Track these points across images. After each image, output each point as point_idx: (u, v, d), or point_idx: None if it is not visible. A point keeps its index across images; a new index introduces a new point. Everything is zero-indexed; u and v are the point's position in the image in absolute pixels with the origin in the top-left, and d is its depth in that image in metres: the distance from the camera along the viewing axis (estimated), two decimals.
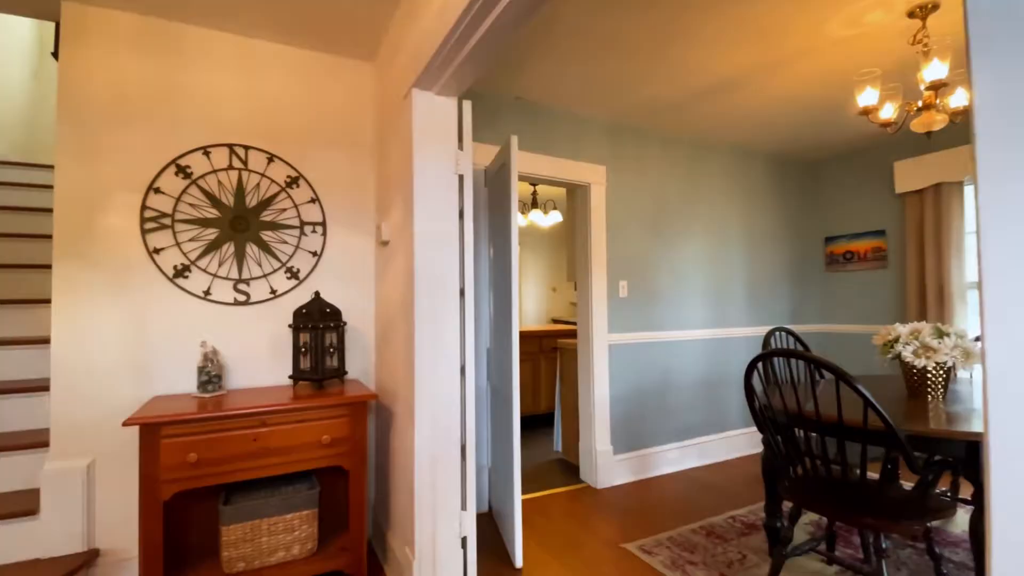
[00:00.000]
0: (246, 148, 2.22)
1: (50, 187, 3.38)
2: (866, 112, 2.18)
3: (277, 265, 2.26)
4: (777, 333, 2.57)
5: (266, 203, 2.25)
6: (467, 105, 1.92)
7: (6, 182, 3.34)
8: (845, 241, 3.95)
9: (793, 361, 2.75)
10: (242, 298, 2.19)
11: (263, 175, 2.25)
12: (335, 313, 2.18)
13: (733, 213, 3.74)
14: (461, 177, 1.91)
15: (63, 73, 1.96)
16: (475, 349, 1.93)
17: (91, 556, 1.90)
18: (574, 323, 5.27)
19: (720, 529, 2.46)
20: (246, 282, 2.20)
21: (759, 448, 3.74)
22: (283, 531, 1.92)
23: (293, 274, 2.29)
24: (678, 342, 3.39)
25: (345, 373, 2.18)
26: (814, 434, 2.12)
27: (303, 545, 1.95)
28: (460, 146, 1.91)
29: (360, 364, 2.41)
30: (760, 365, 2.81)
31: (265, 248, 2.24)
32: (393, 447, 2.14)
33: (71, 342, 1.93)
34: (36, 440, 2.04)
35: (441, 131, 1.86)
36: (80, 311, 1.95)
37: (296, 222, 2.30)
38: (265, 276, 2.24)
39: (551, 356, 4.53)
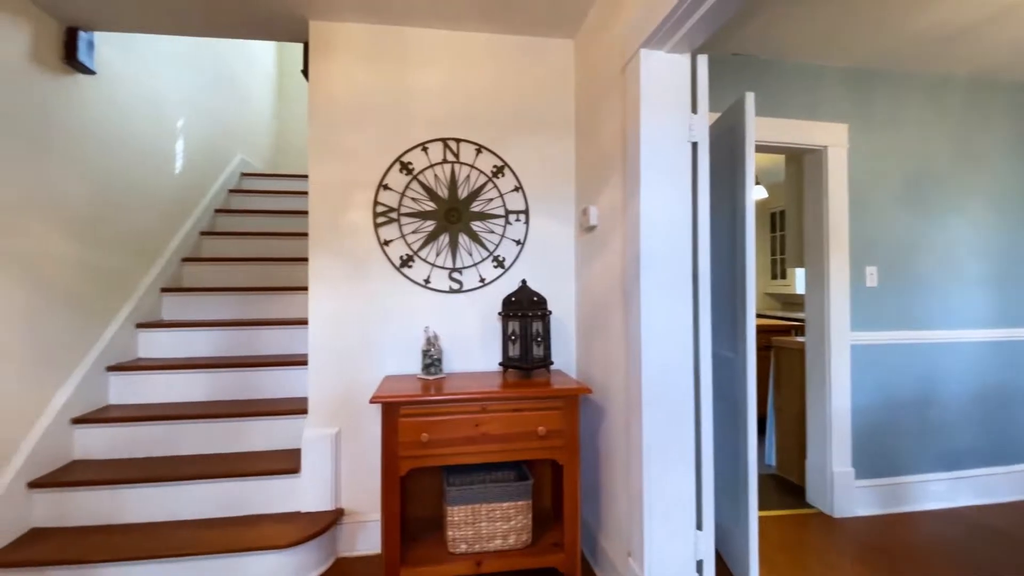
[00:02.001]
0: (458, 141, 2.27)
1: (290, 192, 4.00)
2: None
3: (485, 254, 2.28)
4: None
5: (475, 194, 2.28)
6: (702, 61, 1.66)
7: (260, 190, 4.04)
8: None
9: None
10: (456, 286, 2.26)
11: (472, 166, 2.28)
12: (542, 302, 2.11)
13: None
14: (695, 145, 1.66)
15: (313, 87, 2.21)
16: (709, 345, 1.68)
17: (337, 515, 2.14)
18: (775, 317, 4.59)
19: None
20: (459, 271, 2.26)
21: None
22: (500, 519, 1.92)
23: (499, 263, 2.29)
24: (945, 344, 2.65)
25: (551, 363, 2.11)
26: None
27: (518, 536, 1.93)
28: (694, 109, 1.65)
29: (562, 354, 2.33)
30: None
31: (474, 238, 2.28)
32: (606, 446, 2.01)
33: (323, 324, 2.18)
34: (293, 407, 2.37)
35: (672, 94, 1.63)
36: (328, 297, 2.19)
37: (501, 211, 2.30)
38: (475, 265, 2.28)
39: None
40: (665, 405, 1.62)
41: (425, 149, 2.26)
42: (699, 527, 1.65)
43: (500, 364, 2.14)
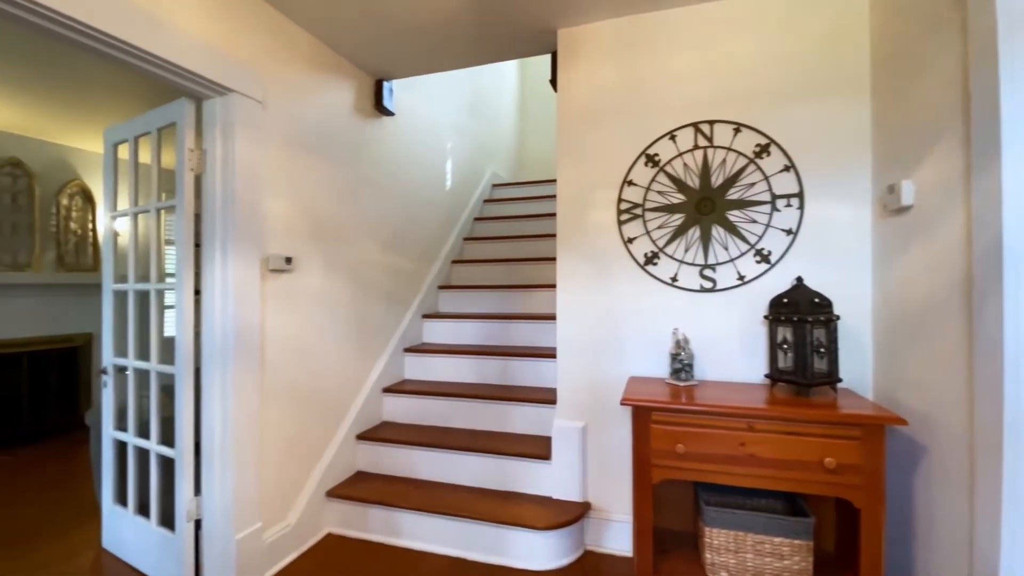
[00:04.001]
0: (711, 123, 2.06)
1: (533, 198, 4.31)
2: None
3: (745, 248, 2.01)
4: None
5: (732, 180, 2.03)
6: None
7: (508, 198, 4.46)
8: None
9: None
10: (708, 284, 2.05)
11: (729, 149, 2.03)
12: (825, 304, 1.74)
13: None
14: None
15: (561, 93, 2.29)
16: None
17: (585, 508, 2.18)
18: None
19: None
20: (712, 267, 2.05)
21: None
22: (770, 554, 1.66)
23: (763, 257, 1.99)
24: None
25: (839, 380, 1.72)
26: None
27: None
28: None
29: (851, 370, 1.89)
30: None
31: (731, 229, 2.03)
32: (925, 493, 1.54)
33: (570, 321, 2.25)
34: (543, 396, 2.52)
35: None
36: (575, 295, 2.24)
37: (766, 196, 1.99)
38: (732, 260, 2.03)
39: None
40: None
41: (673, 137, 2.10)
42: None
43: (767, 376, 1.85)
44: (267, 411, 2.03)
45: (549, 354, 2.72)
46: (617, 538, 2.14)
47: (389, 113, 2.89)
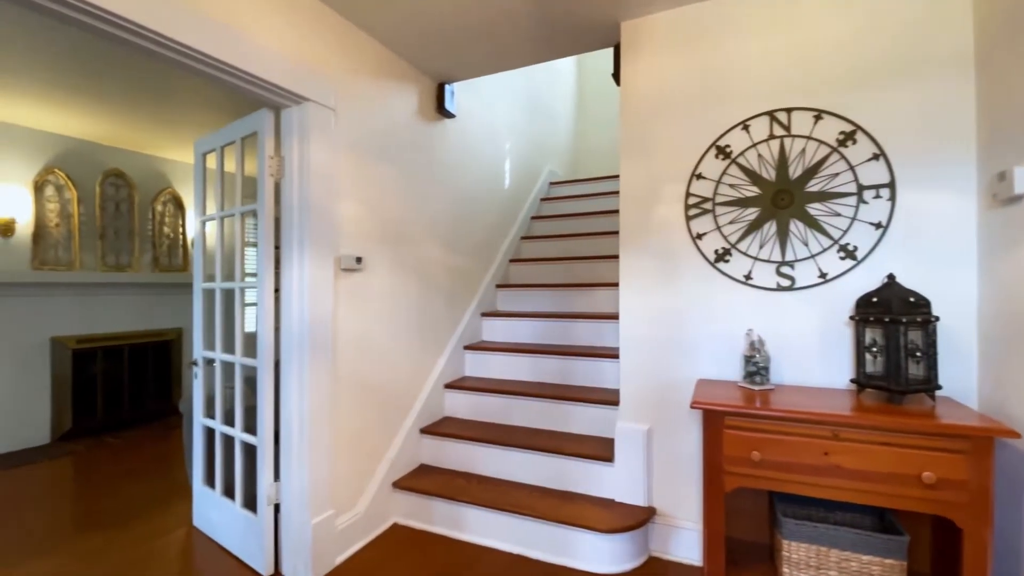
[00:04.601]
0: (788, 111, 1.94)
1: (590, 195, 4.25)
2: None
3: (827, 243, 1.88)
4: None
5: (812, 170, 1.90)
6: None
7: (565, 196, 4.42)
8: None
9: None
10: (785, 283, 1.94)
11: (808, 138, 1.91)
12: (921, 304, 1.60)
13: None
14: None
15: (624, 88, 2.23)
16: None
17: (650, 513, 2.11)
18: None
19: None
20: (790, 264, 1.93)
21: None
22: (856, 573, 1.54)
23: (848, 253, 1.85)
24: None
25: (938, 387, 1.57)
26: None
27: None
28: None
29: (951, 376, 1.71)
30: None
31: (812, 224, 1.90)
32: None
33: (634, 320, 2.19)
34: (604, 397, 2.48)
35: None
36: (639, 293, 2.19)
37: (851, 188, 1.84)
38: (812, 257, 1.90)
39: None
40: None
41: (746, 128, 2.00)
42: None
43: (852, 381, 1.72)
44: (339, 403, 2.13)
45: (610, 354, 2.67)
46: (684, 546, 2.07)
47: (450, 115, 2.95)
